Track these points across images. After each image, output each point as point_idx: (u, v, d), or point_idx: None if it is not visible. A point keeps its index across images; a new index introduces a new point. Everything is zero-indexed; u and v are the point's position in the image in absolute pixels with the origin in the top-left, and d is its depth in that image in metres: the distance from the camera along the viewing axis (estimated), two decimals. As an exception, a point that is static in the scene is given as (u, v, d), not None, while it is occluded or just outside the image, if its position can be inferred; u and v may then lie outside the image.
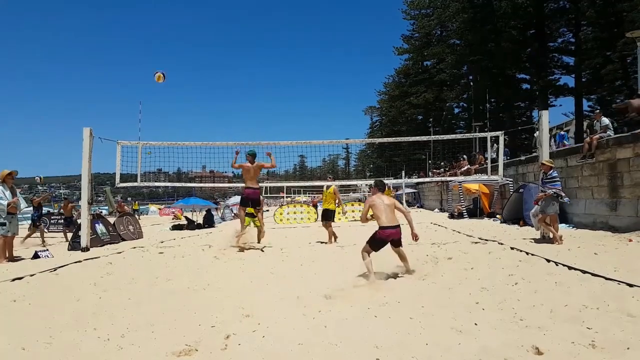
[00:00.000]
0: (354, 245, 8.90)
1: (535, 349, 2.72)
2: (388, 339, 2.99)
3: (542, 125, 8.83)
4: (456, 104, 43.98)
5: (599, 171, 9.98)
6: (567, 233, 9.36)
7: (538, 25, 28.04)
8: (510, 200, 13.34)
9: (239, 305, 4.07)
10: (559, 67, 29.53)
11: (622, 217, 9.09)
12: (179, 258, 7.60)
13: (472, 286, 4.61)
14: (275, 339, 3.07)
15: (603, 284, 4.38)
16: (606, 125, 10.42)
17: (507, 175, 14.00)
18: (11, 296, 4.60)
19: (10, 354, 2.90)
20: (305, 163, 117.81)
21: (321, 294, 4.46)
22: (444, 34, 41.39)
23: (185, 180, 75.83)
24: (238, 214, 7.66)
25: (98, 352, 2.93)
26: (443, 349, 2.79)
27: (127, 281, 5.49)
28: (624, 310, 3.46)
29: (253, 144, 10.88)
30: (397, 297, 4.21)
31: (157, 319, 3.67)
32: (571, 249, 6.94)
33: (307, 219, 18.34)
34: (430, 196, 29.25)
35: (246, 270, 6.28)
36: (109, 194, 22.53)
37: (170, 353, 2.86)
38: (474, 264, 6.02)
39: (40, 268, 6.34)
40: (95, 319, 3.72)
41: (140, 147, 10.05)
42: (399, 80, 50.37)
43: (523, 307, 3.71)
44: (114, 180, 10.57)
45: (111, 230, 10.85)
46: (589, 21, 26.14)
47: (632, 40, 12.40)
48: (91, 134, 8.86)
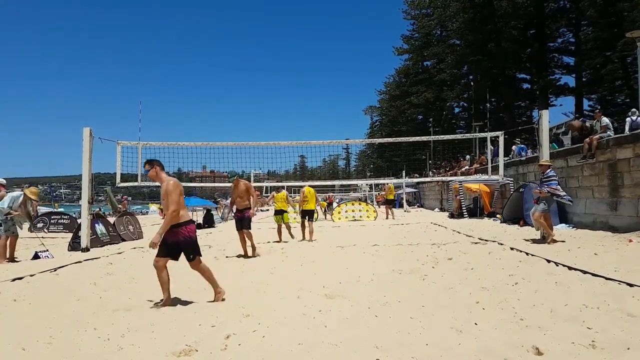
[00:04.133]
0: (354, 245, 8.91)
1: (535, 349, 2.72)
2: (388, 339, 2.99)
3: (542, 125, 8.82)
4: (456, 104, 44.03)
5: (599, 171, 9.98)
6: (567, 233, 9.36)
7: (538, 25, 28.06)
8: (511, 200, 13.34)
9: (239, 305, 4.07)
10: (559, 67, 29.57)
11: (622, 217, 9.09)
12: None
13: (472, 286, 4.61)
14: (275, 339, 3.07)
15: (603, 284, 4.38)
16: (606, 125, 10.41)
17: (507, 175, 14.00)
18: (11, 296, 4.60)
19: (10, 354, 2.90)
20: (305, 163, 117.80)
21: (321, 294, 4.46)
22: (444, 34, 41.39)
23: (186, 180, 75.48)
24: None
25: (98, 352, 2.92)
26: (443, 349, 2.79)
27: (127, 281, 5.49)
28: (624, 310, 3.46)
29: (253, 144, 10.91)
30: (398, 297, 4.21)
31: (157, 319, 3.67)
32: (571, 249, 6.94)
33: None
34: (430, 196, 29.25)
35: (246, 270, 6.28)
36: (110, 194, 22.49)
37: (170, 353, 2.86)
38: (474, 264, 6.02)
39: (40, 268, 6.33)
40: (95, 319, 3.72)
41: (140, 147, 10.05)
42: (399, 80, 50.44)
43: (523, 307, 3.71)
44: (115, 180, 10.58)
45: (111, 230, 10.85)
46: (589, 21, 26.16)
47: (632, 40, 12.39)
48: (91, 134, 8.86)
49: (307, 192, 10.34)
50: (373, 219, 17.94)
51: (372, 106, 72.48)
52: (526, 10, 27.17)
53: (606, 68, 25.57)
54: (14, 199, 7.71)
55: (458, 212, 16.93)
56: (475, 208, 17.05)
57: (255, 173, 29.52)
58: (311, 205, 10.35)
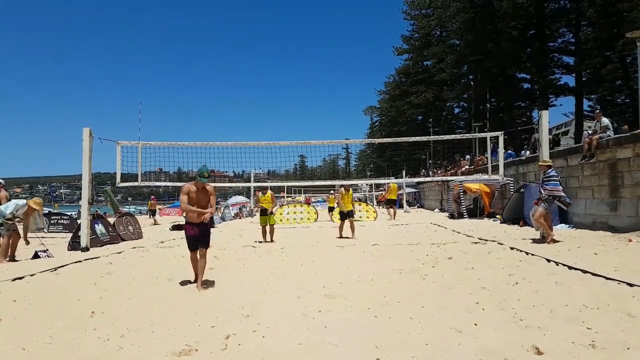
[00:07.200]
0: (354, 245, 8.91)
1: (535, 349, 2.72)
2: (388, 339, 2.99)
3: (542, 125, 8.82)
4: (456, 104, 44.03)
5: (599, 171, 9.97)
6: (567, 233, 9.36)
7: (538, 26, 28.04)
8: (511, 200, 13.34)
9: (239, 305, 4.07)
10: (559, 67, 29.54)
11: (622, 217, 9.08)
12: (179, 258, 7.58)
13: (472, 286, 4.61)
14: (275, 339, 3.07)
15: (603, 284, 4.38)
16: (606, 125, 10.40)
17: (507, 175, 13.99)
18: (11, 296, 4.59)
19: (10, 354, 2.90)
20: (305, 163, 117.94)
21: (321, 294, 4.46)
22: (444, 34, 41.39)
23: (186, 180, 75.43)
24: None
25: (98, 352, 2.92)
26: (443, 349, 2.79)
27: (127, 281, 5.49)
28: (624, 310, 3.46)
29: (253, 144, 10.90)
30: (397, 297, 4.21)
31: (157, 319, 3.67)
32: (571, 249, 6.94)
33: (307, 219, 18.34)
34: (430, 196, 29.24)
35: (246, 270, 6.28)
36: (110, 194, 22.45)
37: (170, 353, 2.86)
38: (474, 264, 6.02)
39: (40, 268, 6.33)
40: (95, 319, 3.72)
41: (140, 147, 10.05)
42: (399, 80, 50.44)
43: (523, 307, 3.71)
44: (115, 180, 10.57)
45: (111, 230, 10.84)
46: (589, 21, 26.16)
47: (632, 40, 12.39)
48: (91, 134, 8.86)
49: (349, 193, 10.97)
50: (373, 219, 17.94)
51: (372, 106, 72.56)
52: (526, 10, 27.14)
53: (606, 68, 25.58)
54: (18, 207, 7.69)
55: (458, 213, 16.92)
56: (475, 208, 17.04)
57: (255, 173, 29.49)
58: (349, 206, 10.77)
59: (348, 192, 10.89)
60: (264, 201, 10.45)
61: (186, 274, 5.63)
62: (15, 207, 7.65)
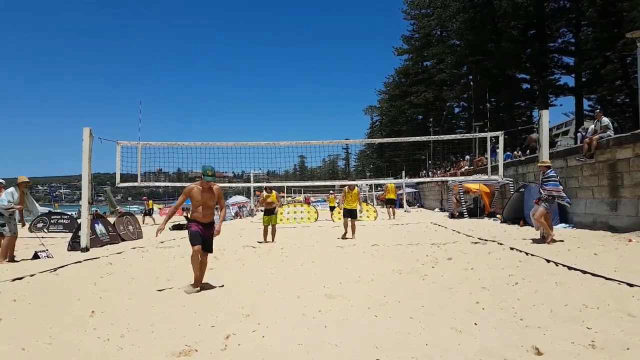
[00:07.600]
0: (354, 245, 8.92)
1: (535, 349, 2.72)
2: (388, 339, 2.99)
3: (542, 125, 8.82)
4: (456, 104, 44.04)
5: (599, 171, 9.97)
6: (567, 233, 9.36)
7: (538, 26, 28.06)
8: (511, 200, 13.34)
9: (239, 305, 4.07)
10: (559, 67, 29.57)
11: (622, 217, 9.08)
12: (179, 258, 7.59)
13: (472, 286, 4.61)
14: (275, 339, 3.07)
15: (603, 284, 4.38)
16: (606, 125, 10.40)
17: (507, 175, 14.00)
18: (11, 296, 4.59)
19: (10, 354, 2.90)
20: (305, 163, 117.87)
21: (321, 294, 4.46)
22: (444, 34, 41.39)
23: (185, 180, 75.41)
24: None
25: (98, 352, 2.92)
26: (443, 349, 2.79)
27: (127, 281, 5.49)
28: (624, 310, 3.46)
29: (253, 144, 10.89)
30: (397, 297, 4.21)
31: (157, 319, 3.67)
32: (571, 249, 6.94)
33: (307, 219, 18.33)
34: (430, 196, 29.25)
35: (246, 270, 6.28)
36: (110, 194, 22.47)
37: (170, 353, 2.86)
38: (473, 264, 6.02)
39: (40, 268, 6.33)
40: (95, 319, 3.72)
41: (140, 147, 10.04)
42: (399, 80, 50.45)
43: (523, 307, 3.71)
44: (114, 180, 10.57)
45: (111, 230, 10.83)
46: (589, 21, 26.16)
47: (632, 40, 12.39)
48: (91, 134, 8.85)
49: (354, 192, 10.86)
50: (373, 219, 17.94)
51: (372, 106, 72.53)
52: (526, 10, 27.15)
53: (606, 68, 25.59)
54: (11, 193, 7.67)
55: (458, 212, 16.92)
56: (475, 208, 17.05)
57: (255, 173, 29.49)
58: (354, 204, 10.76)
59: (353, 191, 10.78)
60: (269, 201, 10.38)
61: (186, 274, 5.62)
62: (10, 195, 7.61)
